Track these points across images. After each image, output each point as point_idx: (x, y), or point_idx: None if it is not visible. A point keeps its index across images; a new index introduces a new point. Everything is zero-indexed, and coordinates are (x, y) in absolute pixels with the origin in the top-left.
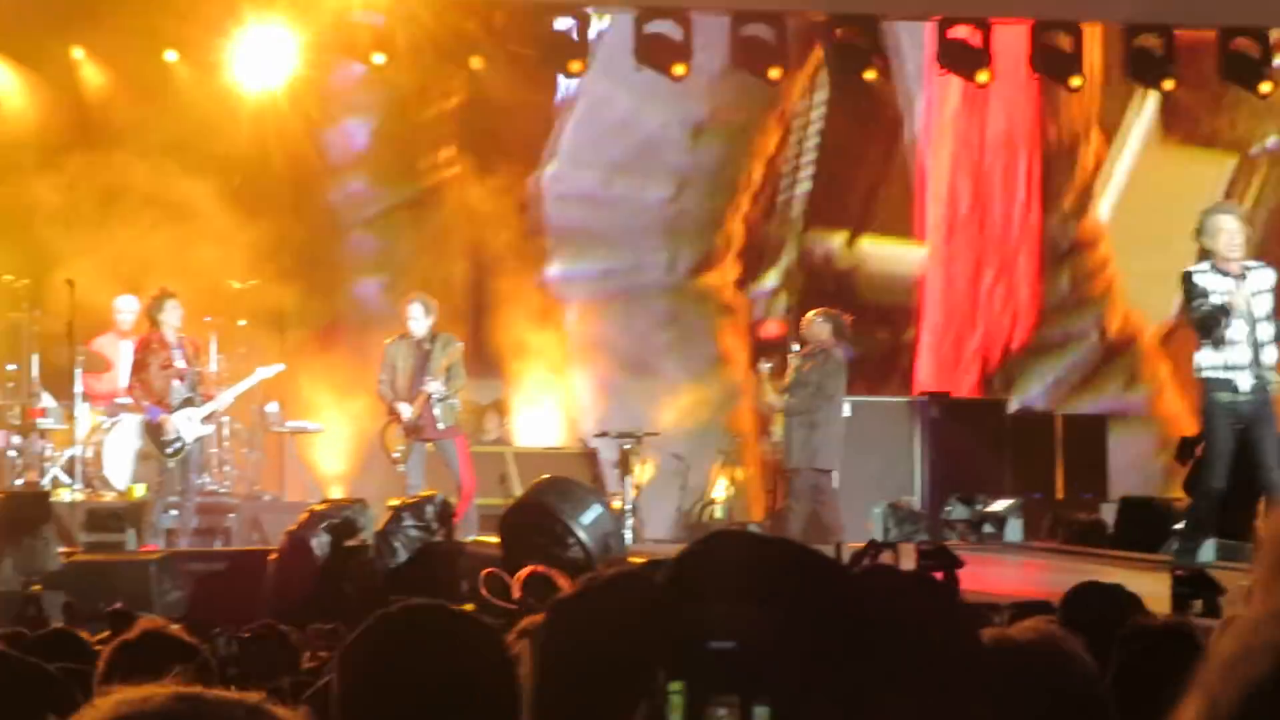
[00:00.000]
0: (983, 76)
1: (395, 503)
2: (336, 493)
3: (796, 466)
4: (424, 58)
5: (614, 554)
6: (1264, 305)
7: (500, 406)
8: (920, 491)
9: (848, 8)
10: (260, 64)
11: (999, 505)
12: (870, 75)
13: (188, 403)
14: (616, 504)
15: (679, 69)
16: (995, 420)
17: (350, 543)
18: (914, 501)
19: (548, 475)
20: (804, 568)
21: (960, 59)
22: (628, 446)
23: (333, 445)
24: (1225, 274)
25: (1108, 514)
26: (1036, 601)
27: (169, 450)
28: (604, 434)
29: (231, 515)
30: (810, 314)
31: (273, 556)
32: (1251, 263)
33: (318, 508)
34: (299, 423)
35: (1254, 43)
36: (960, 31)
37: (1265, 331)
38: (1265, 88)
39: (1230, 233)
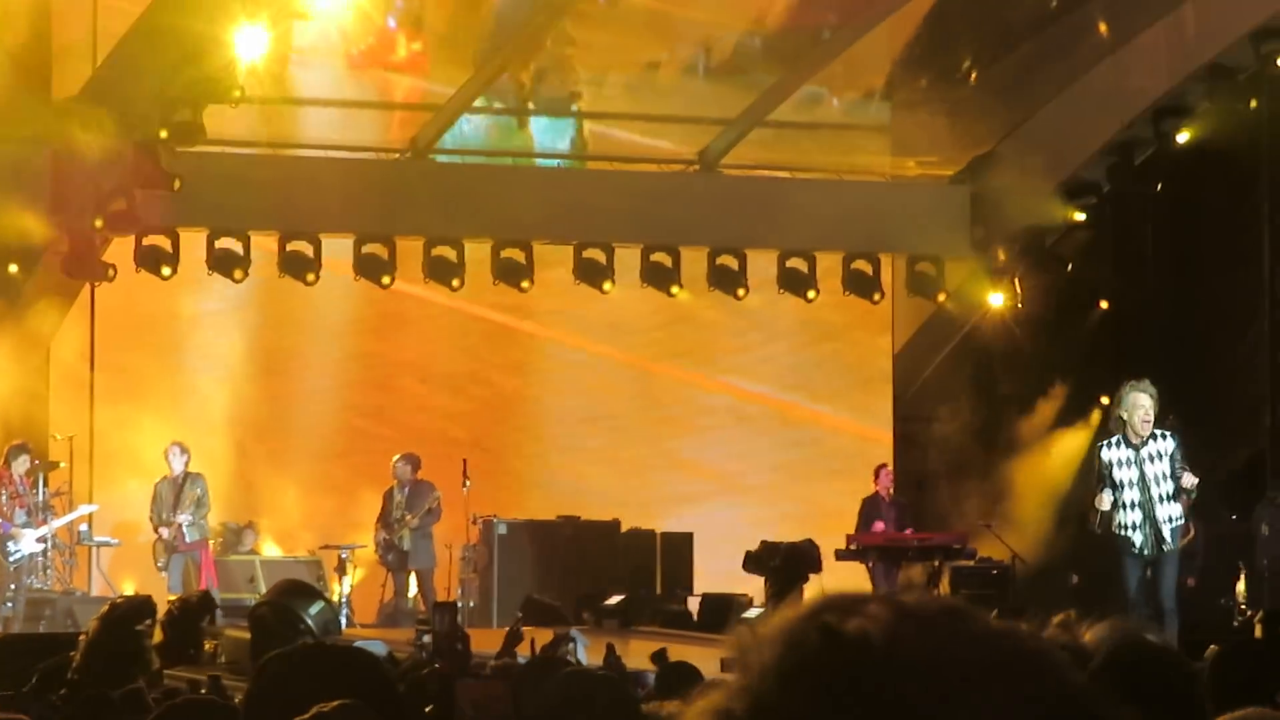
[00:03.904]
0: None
1: (173, 598)
2: (129, 589)
3: (430, 567)
4: None
5: (333, 637)
6: (1162, 468)
7: (253, 525)
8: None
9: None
10: None
11: (614, 599)
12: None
13: (26, 525)
14: (335, 598)
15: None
16: (612, 535)
17: (139, 627)
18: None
19: (284, 579)
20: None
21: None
22: (344, 555)
23: (127, 555)
24: (1130, 444)
25: (693, 605)
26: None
27: (11, 558)
28: (327, 546)
29: (52, 607)
30: (394, 459)
31: (82, 636)
32: (1157, 431)
33: (117, 601)
34: (103, 538)
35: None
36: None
37: (1163, 490)
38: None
39: (1145, 409)
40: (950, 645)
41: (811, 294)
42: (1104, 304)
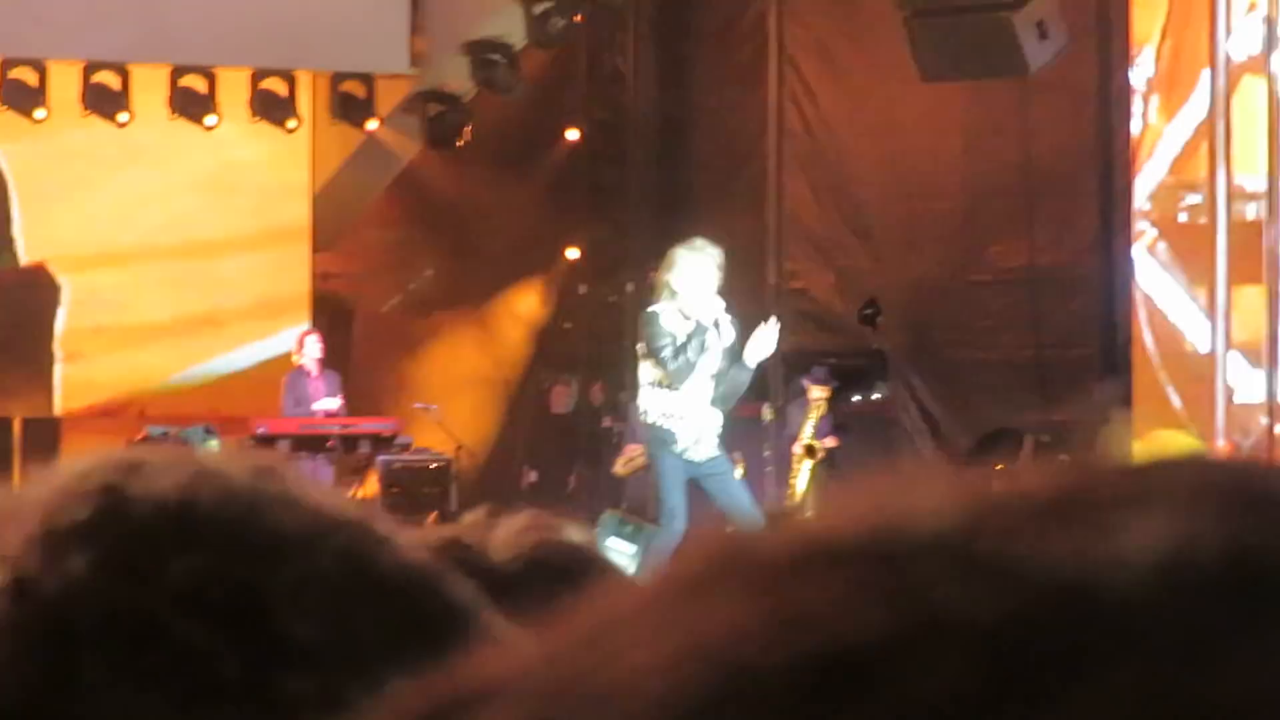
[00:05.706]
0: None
1: None
2: None
3: None
4: None
5: None
6: (718, 355)
7: None
8: None
9: None
10: None
11: None
12: None
13: None
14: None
15: None
16: None
17: None
18: None
19: None
20: None
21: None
22: None
23: None
24: (686, 318)
25: None
26: None
27: None
28: None
29: None
30: None
31: None
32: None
33: None
34: None
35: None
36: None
37: (714, 385)
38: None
39: (701, 279)
40: (256, 507)
41: (211, 119)
42: (574, 134)
